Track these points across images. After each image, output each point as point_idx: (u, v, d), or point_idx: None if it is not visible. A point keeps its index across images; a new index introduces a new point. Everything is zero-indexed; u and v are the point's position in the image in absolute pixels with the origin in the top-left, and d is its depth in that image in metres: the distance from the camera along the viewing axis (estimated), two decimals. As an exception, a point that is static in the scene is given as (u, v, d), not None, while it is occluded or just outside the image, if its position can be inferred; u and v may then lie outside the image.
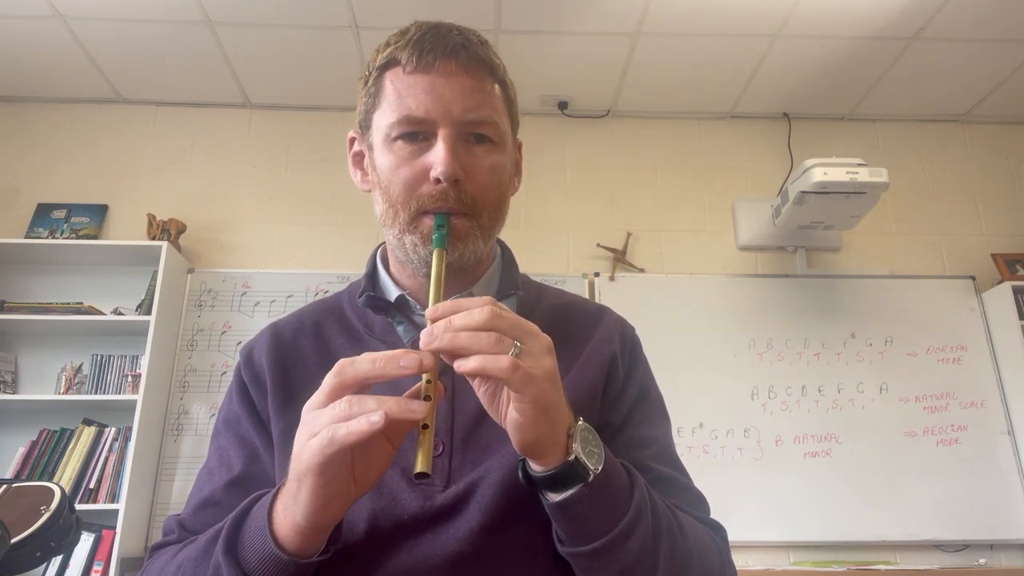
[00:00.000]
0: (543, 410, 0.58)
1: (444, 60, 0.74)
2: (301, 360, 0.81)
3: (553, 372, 0.60)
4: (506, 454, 0.71)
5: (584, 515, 0.63)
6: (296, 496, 0.58)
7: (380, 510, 0.70)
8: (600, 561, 0.64)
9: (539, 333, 0.61)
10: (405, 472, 0.70)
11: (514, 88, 0.83)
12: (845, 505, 2.80)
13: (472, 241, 0.76)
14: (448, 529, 0.70)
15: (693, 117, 3.46)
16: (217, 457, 0.81)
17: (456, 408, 0.76)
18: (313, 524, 0.59)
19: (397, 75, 0.76)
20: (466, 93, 0.75)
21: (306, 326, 0.86)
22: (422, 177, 0.74)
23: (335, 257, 3.11)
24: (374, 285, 0.87)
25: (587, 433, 0.63)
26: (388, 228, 0.79)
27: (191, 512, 0.79)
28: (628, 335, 0.89)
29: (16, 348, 2.91)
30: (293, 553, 0.60)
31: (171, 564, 0.70)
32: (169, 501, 2.72)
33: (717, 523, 0.80)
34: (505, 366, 0.56)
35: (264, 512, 0.61)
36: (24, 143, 3.26)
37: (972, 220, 3.35)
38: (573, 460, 0.61)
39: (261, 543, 0.60)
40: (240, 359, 0.85)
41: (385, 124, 0.76)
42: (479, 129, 0.76)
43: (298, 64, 3.08)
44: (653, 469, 0.77)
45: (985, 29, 2.84)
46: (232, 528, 0.63)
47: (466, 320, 0.58)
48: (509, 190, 0.83)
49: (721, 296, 3.10)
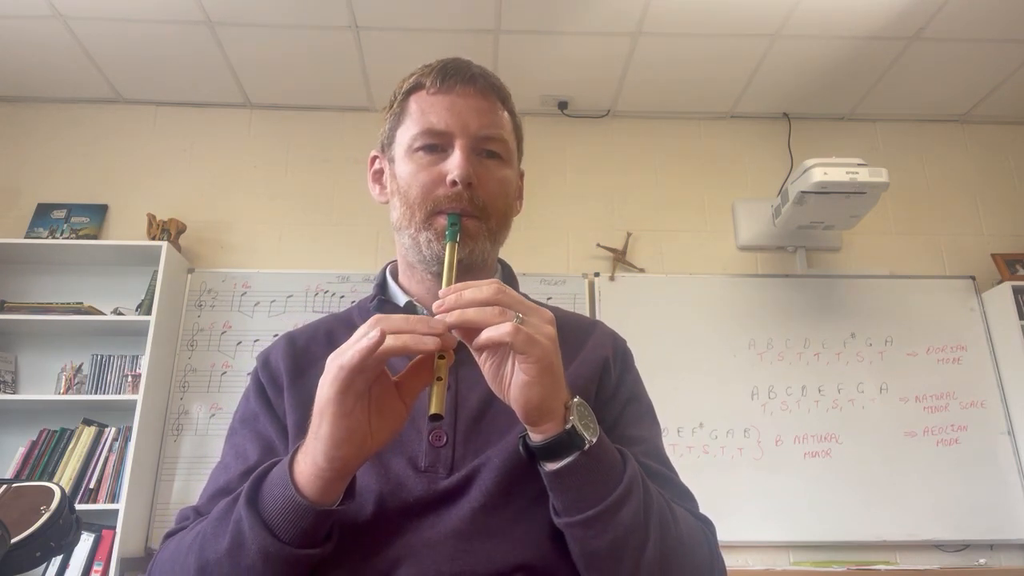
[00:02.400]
0: (547, 369, 0.64)
1: (464, 85, 0.85)
2: (314, 362, 0.86)
3: (554, 337, 0.65)
4: (507, 443, 0.75)
5: (579, 484, 0.67)
6: (317, 432, 0.62)
7: (388, 493, 0.74)
8: (593, 530, 0.67)
9: (541, 309, 0.67)
10: (411, 460, 0.76)
11: (521, 121, 0.93)
12: (845, 505, 2.80)
13: (481, 241, 0.83)
14: (451, 510, 0.74)
15: (693, 117, 3.46)
16: (233, 453, 0.84)
17: (460, 403, 0.80)
18: (332, 461, 0.62)
19: (421, 96, 0.86)
20: (481, 113, 0.84)
21: (319, 335, 0.91)
22: (439, 181, 0.82)
23: (335, 257, 3.11)
24: (384, 293, 0.93)
25: (583, 408, 0.68)
26: (404, 229, 0.85)
27: (207, 500, 0.80)
28: (620, 345, 0.94)
29: (16, 348, 2.91)
30: (313, 500, 0.63)
31: (190, 533, 0.73)
32: (169, 501, 2.72)
33: (706, 518, 0.82)
34: (508, 329, 0.61)
35: (285, 464, 0.66)
36: (24, 143, 3.26)
37: (972, 220, 3.35)
38: (570, 428, 0.66)
39: (282, 491, 0.64)
40: (257, 364, 0.90)
41: (408, 137, 0.85)
42: (491, 145, 0.85)
43: (298, 64, 3.08)
44: (643, 464, 0.79)
45: (985, 29, 2.84)
46: (254, 482, 0.67)
47: (474, 293, 0.63)
48: (514, 205, 0.91)
49: (721, 296, 3.10)
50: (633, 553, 0.68)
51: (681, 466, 0.87)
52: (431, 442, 0.77)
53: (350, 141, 3.31)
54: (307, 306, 3.00)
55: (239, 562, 0.64)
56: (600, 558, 0.69)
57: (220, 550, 0.66)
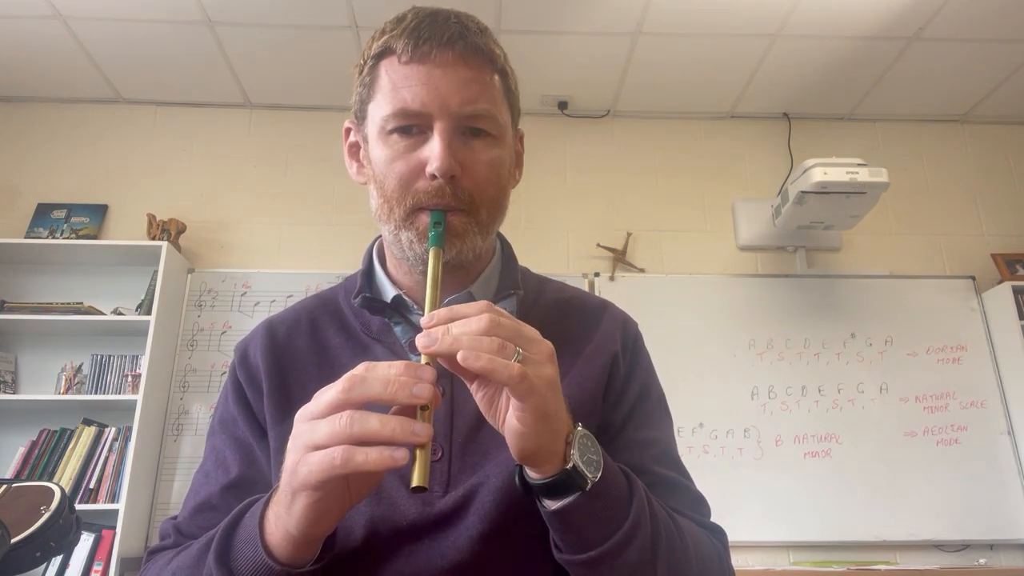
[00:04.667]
0: (543, 419, 0.58)
1: (441, 50, 0.71)
2: (297, 361, 0.80)
3: (555, 381, 0.59)
4: (505, 459, 0.70)
5: (581, 524, 0.62)
6: (289, 508, 0.57)
7: (379, 516, 0.69)
8: (597, 570, 0.63)
9: (540, 339, 0.60)
10: (404, 478, 0.68)
11: (515, 77, 0.80)
12: (845, 505, 2.80)
13: (470, 238, 0.74)
14: (448, 537, 0.69)
15: (693, 117, 3.46)
16: (213, 459, 0.80)
17: (455, 413, 0.75)
18: (306, 535, 0.58)
19: (392, 65, 0.73)
20: (463, 85, 0.72)
21: (302, 324, 0.84)
22: (418, 172, 0.72)
23: (335, 257, 3.10)
24: (370, 284, 0.84)
25: (586, 440, 0.62)
26: (384, 224, 0.77)
27: (188, 516, 0.78)
28: (630, 332, 0.88)
29: (16, 348, 2.91)
30: (286, 563, 0.58)
31: (166, 571, 0.69)
32: (169, 501, 2.72)
33: (717, 527, 0.79)
34: (515, 374, 0.54)
35: (255, 522, 0.60)
36: (24, 143, 3.26)
37: (972, 220, 3.35)
38: (571, 468, 0.60)
39: (253, 552, 0.59)
40: (235, 357, 0.83)
41: (380, 116, 0.74)
42: (477, 123, 0.73)
43: (298, 64, 3.08)
44: (654, 471, 0.76)
45: (985, 29, 2.84)
46: (224, 536, 0.62)
47: (464, 329, 0.56)
48: (509, 184, 0.80)
49: (721, 296, 3.10)
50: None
51: (681, 466, 0.86)
52: None
53: (350, 141, 3.31)
54: (307, 306, 3.00)
55: None
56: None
57: None
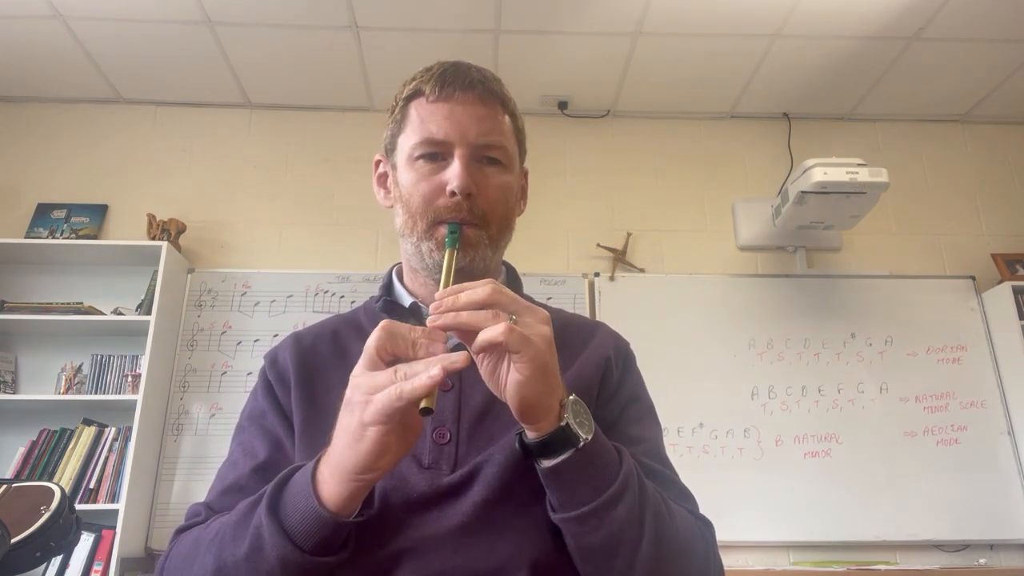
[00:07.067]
0: (541, 368, 0.64)
1: (463, 91, 0.85)
2: (321, 362, 0.88)
3: (549, 336, 0.66)
4: (510, 440, 0.76)
5: (573, 480, 0.69)
6: (356, 446, 0.63)
7: (391, 489, 0.75)
8: (587, 526, 0.69)
9: (536, 308, 0.68)
10: (415, 457, 0.78)
11: (523, 120, 0.93)
12: (845, 505, 2.80)
13: (481, 249, 0.85)
14: (453, 506, 0.75)
15: (693, 117, 3.46)
16: (241, 450, 0.85)
17: (463, 401, 0.82)
18: (361, 478, 0.64)
19: (421, 104, 0.86)
20: (480, 120, 0.85)
21: (325, 335, 0.93)
22: (439, 191, 0.84)
23: (335, 257, 3.11)
24: (390, 294, 0.95)
25: (578, 406, 0.69)
26: (407, 237, 0.87)
27: (216, 496, 0.82)
28: (622, 346, 0.95)
29: (16, 348, 2.91)
30: (334, 512, 0.65)
31: (206, 531, 0.74)
32: (169, 501, 2.72)
33: (705, 518, 0.83)
34: (501, 329, 0.62)
35: (307, 476, 0.66)
36: (24, 143, 3.26)
37: (972, 220, 3.35)
38: (565, 426, 0.67)
39: (304, 502, 0.65)
40: (265, 362, 0.92)
41: (409, 145, 0.86)
42: (490, 152, 0.86)
43: (298, 64, 3.08)
44: (643, 463, 0.80)
45: (985, 29, 2.84)
46: (276, 489, 0.68)
47: (470, 296, 0.65)
48: (515, 209, 0.92)
49: (721, 296, 3.10)
50: (628, 549, 0.69)
51: (681, 466, 0.87)
52: (435, 440, 0.79)
53: (350, 141, 3.31)
54: (307, 306, 3.00)
55: (257, 567, 0.66)
56: (595, 554, 0.70)
57: (239, 554, 0.67)
